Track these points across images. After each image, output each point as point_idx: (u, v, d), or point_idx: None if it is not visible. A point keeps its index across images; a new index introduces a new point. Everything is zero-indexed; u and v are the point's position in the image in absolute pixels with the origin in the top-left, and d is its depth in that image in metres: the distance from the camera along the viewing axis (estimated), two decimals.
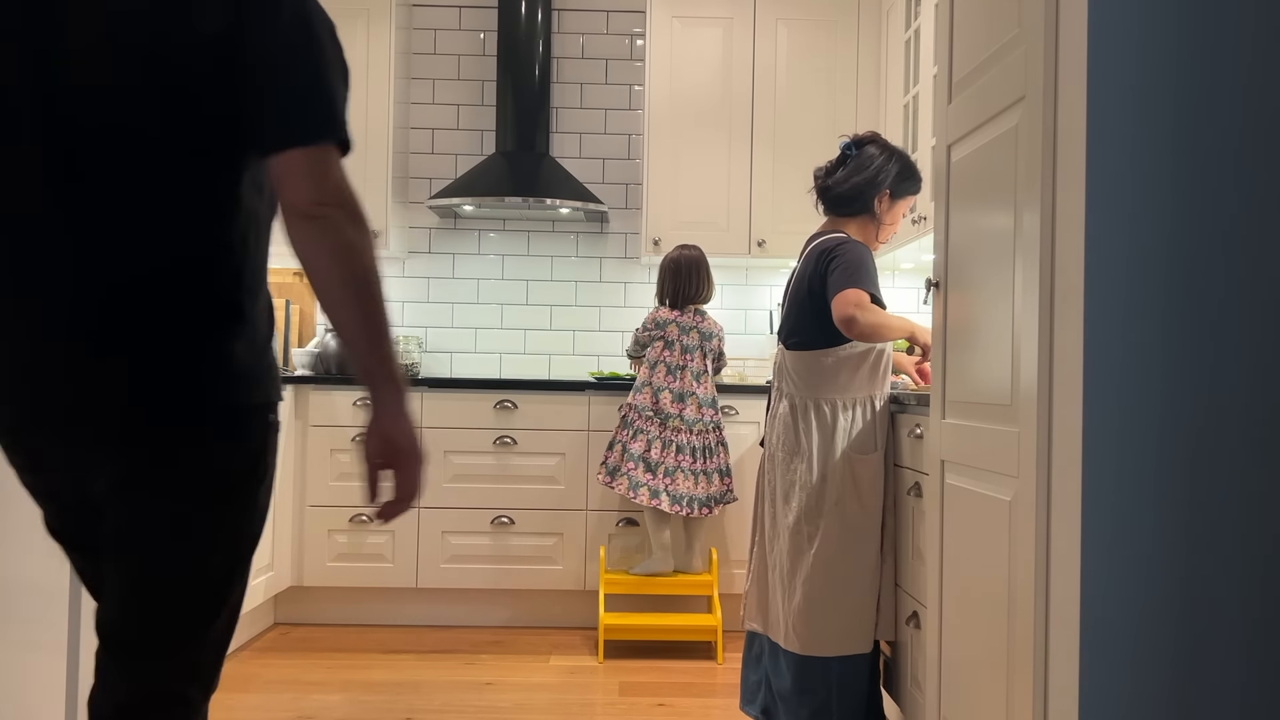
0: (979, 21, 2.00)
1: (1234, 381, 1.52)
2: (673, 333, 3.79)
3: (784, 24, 4.36)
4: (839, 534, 2.60)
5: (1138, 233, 1.52)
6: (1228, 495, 1.51)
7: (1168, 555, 1.52)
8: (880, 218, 2.76)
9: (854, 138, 2.80)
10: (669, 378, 3.76)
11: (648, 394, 3.75)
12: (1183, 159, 1.52)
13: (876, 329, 2.56)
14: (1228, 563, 1.51)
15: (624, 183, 4.71)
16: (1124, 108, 1.52)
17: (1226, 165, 1.52)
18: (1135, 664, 1.52)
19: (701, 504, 3.73)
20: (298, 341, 4.43)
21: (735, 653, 3.63)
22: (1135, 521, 1.52)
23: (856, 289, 2.54)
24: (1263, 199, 1.52)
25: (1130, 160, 1.52)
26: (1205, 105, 1.52)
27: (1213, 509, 1.51)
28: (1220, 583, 1.52)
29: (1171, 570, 1.52)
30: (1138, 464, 1.51)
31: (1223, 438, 1.51)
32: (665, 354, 3.78)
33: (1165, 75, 1.52)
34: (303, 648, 3.69)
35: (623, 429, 3.78)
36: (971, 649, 2.00)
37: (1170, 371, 1.52)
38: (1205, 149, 1.52)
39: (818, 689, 2.61)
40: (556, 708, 3.12)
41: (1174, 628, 1.52)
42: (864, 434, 2.63)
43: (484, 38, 4.67)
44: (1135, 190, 1.52)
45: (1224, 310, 1.52)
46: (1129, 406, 1.51)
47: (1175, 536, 1.52)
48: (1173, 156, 1.52)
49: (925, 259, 4.26)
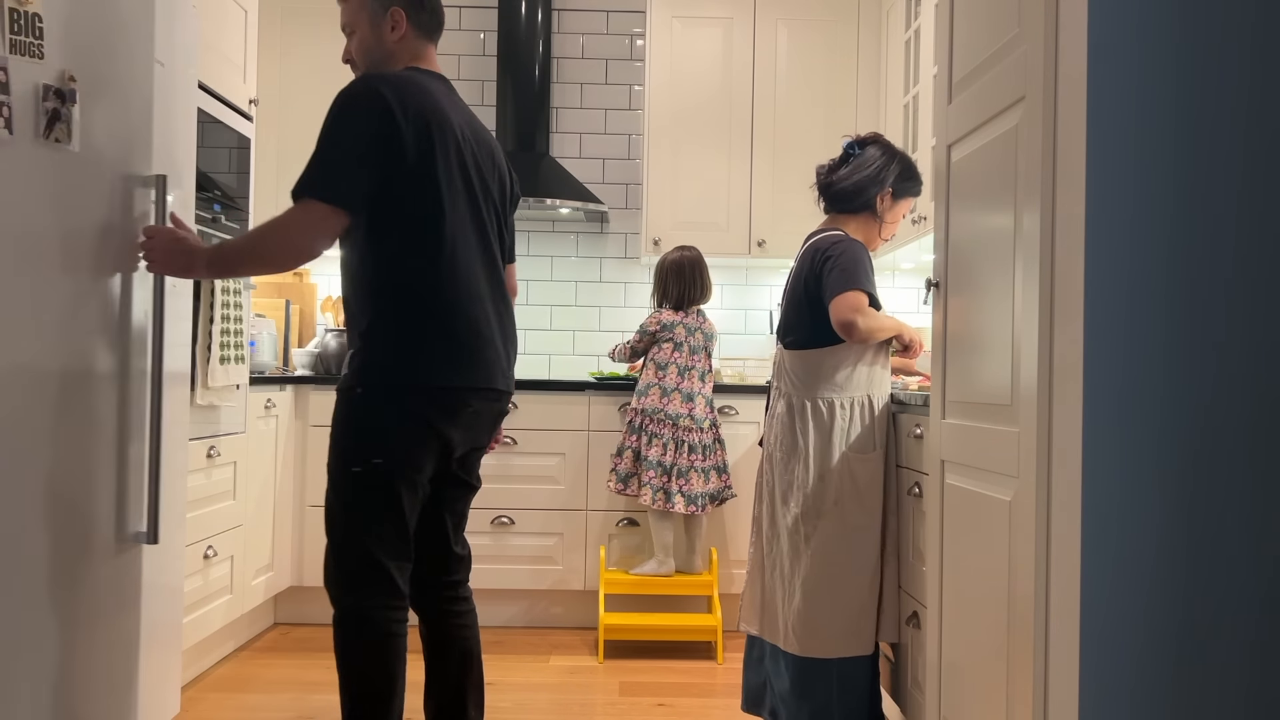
0: (979, 21, 2.00)
1: (1234, 381, 1.52)
2: (680, 334, 3.79)
3: (784, 24, 4.37)
4: (838, 534, 2.59)
5: (1138, 233, 1.52)
6: (1228, 495, 1.51)
7: (1168, 555, 1.52)
8: (881, 216, 2.76)
9: (857, 138, 2.81)
10: (679, 379, 3.76)
11: (655, 395, 3.74)
12: (1183, 159, 1.52)
13: (873, 333, 2.59)
14: (1228, 562, 1.51)
15: (624, 183, 4.71)
16: (1124, 108, 1.52)
17: (1226, 165, 1.52)
18: (1135, 663, 1.52)
19: (708, 500, 3.73)
20: (298, 341, 4.42)
21: (735, 653, 3.63)
22: (1135, 521, 1.52)
23: (856, 291, 2.55)
24: (1263, 198, 1.52)
25: (1130, 160, 1.52)
26: (1205, 105, 1.52)
27: (1213, 509, 1.51)
28: (1220, 582, 1.52)
29: (1171, 570, 1.52)
30: (1137, 464, 1.52)
31: (1222, 437, 1.51)
32: (675, 355, 3.78)
33: (1165, 75, 1.52)
34: (303, 648, 3.69)
35: (632, 434, 3.77)
36: (971, 649, 2.00)
37: (1170, 371, 1.52)
38: (1205, 148, 1.52)
39: (817, 691, 2.60)
40: (556, 708, 3.12)
41: (1174, 627, 1.52)
42: (862, 433, 2.63)
43: (484, 38, 4.67)
44: (1135, 190, 1.52)
45: (1224, 310, 1.52)
46: (1129, 406, 1.52)
47: (1175, 536, 1.52)
48: (1173, 156, 1.52)
49: (925, 259, 4.26)
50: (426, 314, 2.12)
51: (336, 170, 2.04)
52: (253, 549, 3.59)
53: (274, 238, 2.05)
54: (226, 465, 3.34)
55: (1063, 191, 1.59)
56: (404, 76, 2.15)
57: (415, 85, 2.13)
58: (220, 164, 3.33)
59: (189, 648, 3.10)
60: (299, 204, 2.03)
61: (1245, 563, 1.51)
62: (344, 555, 2.12)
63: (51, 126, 1.84)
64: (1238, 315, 1.52)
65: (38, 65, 1.82)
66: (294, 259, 2.07)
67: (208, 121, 3.18)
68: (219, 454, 3.24)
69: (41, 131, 1.83)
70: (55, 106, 1.85)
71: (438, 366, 2.13)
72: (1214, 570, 1.52)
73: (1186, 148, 1.52)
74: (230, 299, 3.17)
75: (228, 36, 3.38)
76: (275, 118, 4.17)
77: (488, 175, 2.24)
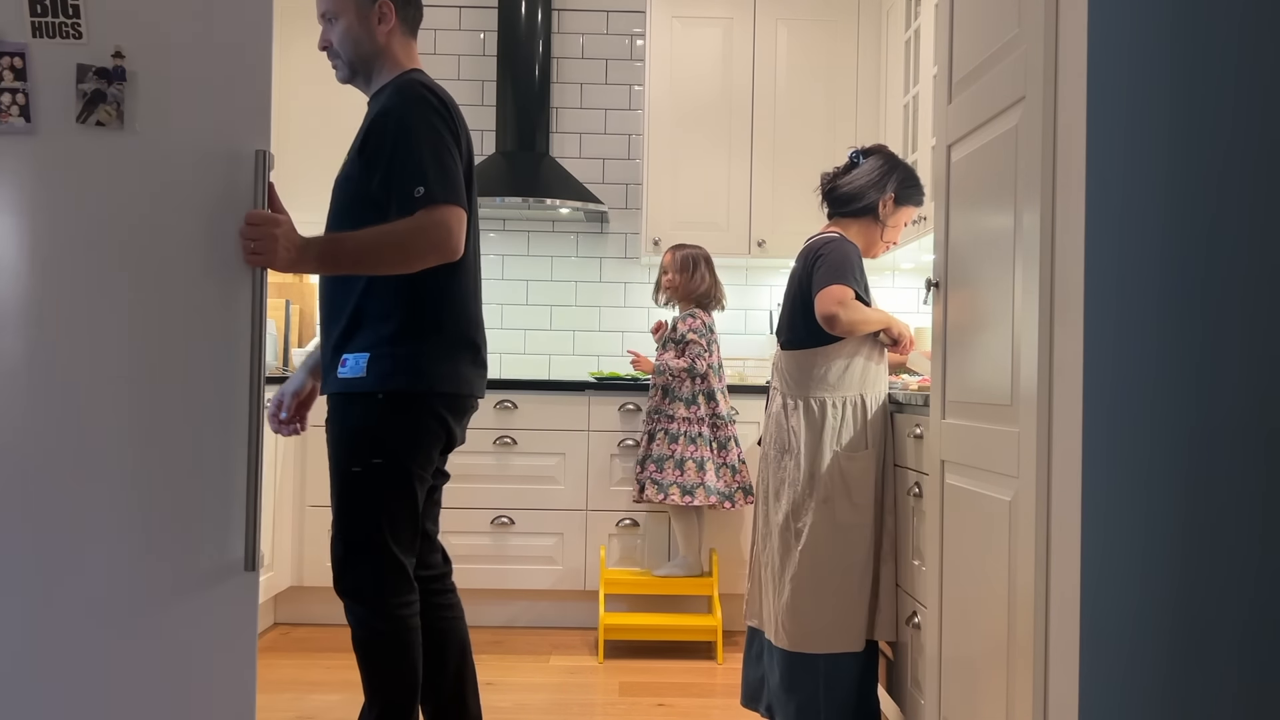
0: (979, 21, 2.00)
1: (1234, 381, 1.52)
2: (715, 335, 3.82)
3: (784, 24, 4.36)
4: (827, 531, 2.62)
5: (1137, 233, 1.52)
6: (1228, 495, 1.51)
7: (1168, 555, 1.52)
8: (883, 221, 2.80)
9: (862, 148, 2.89)
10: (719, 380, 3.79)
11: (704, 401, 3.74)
12: (1182, 159, 1.52)
13: (856, 325, 2.62)
14: (1228, 562, 1.51)
15: (624, 183, 4.71)
16: (1124, 108, 1.52)
17: (1226, 165, 1.52)
18: (1135, 663, 1.52)
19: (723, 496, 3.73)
20: (298, 341, 4.42)
21: (735, 652, 3.63)
22: (1135, 521, 1.52)
23: (840, 285, 2.60)
24: (1262, 198, 1.52)
25: (1130, 160, 1.52)
26: (1205, 105, 1.52)
27: (1213, 509, 1.51)
28: (1220, 582, 1.52)
29: (1171, 570, 1.52)
30: (1137, 464, 1.51)
31: (1222, 437, 1.51)
32: (718, 356, 3.80)
33: (1165, 75, 1.52)
34: (303, 648, 3.69)
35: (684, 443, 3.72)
36: (971, 649, 2.00)
37: (1170, 371, 1.52)
38: (1205, 149, 1.52)
39: (804, 685, 2.63)
40: (556, 708, 3.12)
41: (1174, 627, 1.52)
42: (854, 433, 2.65)
43: (484, 38, 4.67)
44: (1135, 190, 1.52)
45: (1223, 310, 1.52)
46: (1129, 406, 1.51)
47: (1175, 536, 1.52)
48: (1172, 156, 1.52)
49: (925, 259, 4.26)
50: (453, 321, 2.17)
51: (452, 173, 2.07)
52: None
53: (421, 240, 2.02)
54: None
55: (1063, 191, 1.59)
56: (437, 84, 2.20)
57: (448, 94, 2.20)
58: None
59: None
60: (437, 208, 2.02)
61: (1245, 563, 1.51)
62: (368, 554, 2.13)
63: (92, 109, 1.76)
64: (1238, 315, 1.52)
65: (73, 46, 1.73)
66: (443, 259, 2.06)
67: None
68: None
69: (78, 116, 1.75)
70: (97, 88, 1.76)
71: (462, 374, 2.20)
72: (1214, 570, 1.52)
73: (1186, 148, 1.52)
74: None
75: None
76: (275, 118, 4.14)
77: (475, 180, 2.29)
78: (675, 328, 3.79)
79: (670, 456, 3.68)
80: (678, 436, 3.69)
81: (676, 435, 3.69)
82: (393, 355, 2.11)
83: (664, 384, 3.74)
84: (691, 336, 3.72)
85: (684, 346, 3.73)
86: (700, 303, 3.83)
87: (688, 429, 3.70)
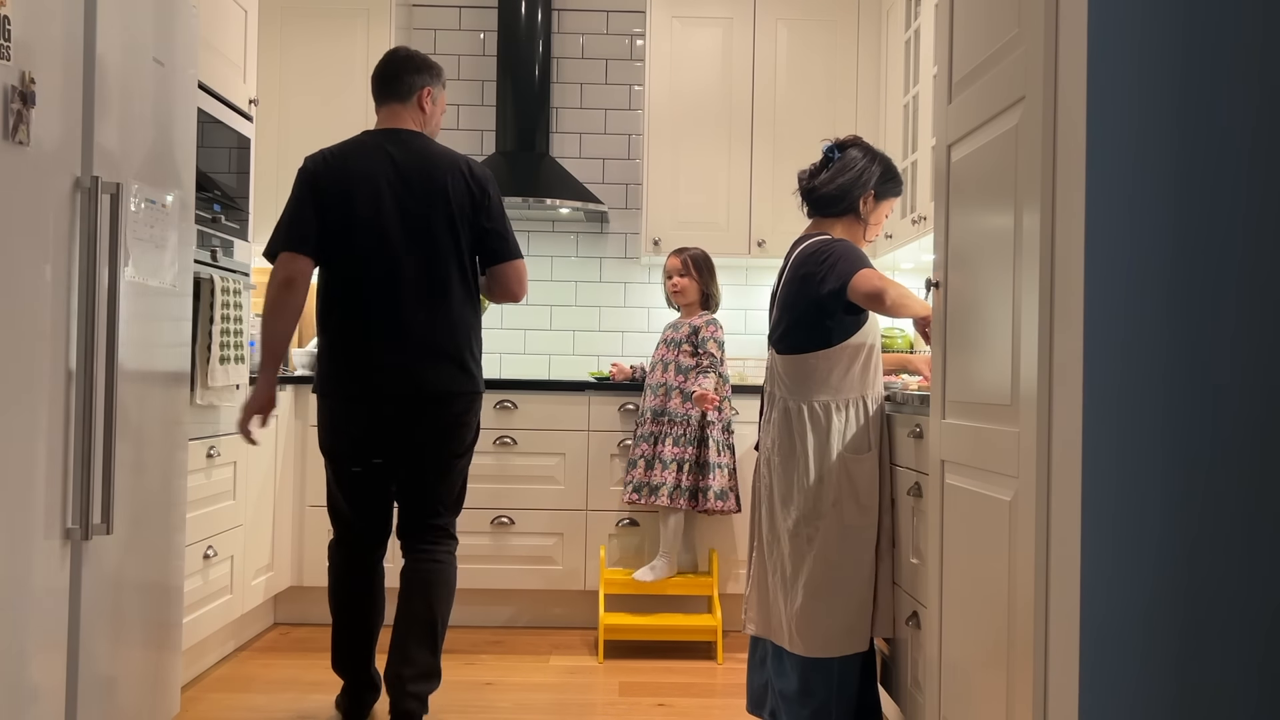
0: (979, 21, 2.00)
1: (1234, 381, 1.52)
2: None
3: (784, 24, 4.37)
4: (838, 535, 2.60)
5: (1138, 232, 1.52)
6: (1228, 495, 1.51)
7: (1168, 555, 1.52)
8: (865, 218, 2.78)
9: (837, 141, 2.82)
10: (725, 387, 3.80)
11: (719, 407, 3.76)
12: (1182, 158, 1.52)
13: (902, 301, 2.51)
14: (1228, 562, 1.51)
15: (624, 183, 4.71)
16: (1124, 108, 1.52)
17: (1226, 164, 1.52)
18: (1135, 664, 1.52)
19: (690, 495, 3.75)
20: (298, 341, 4.42)
21: (735, 653, 3.63)
22: (1135, 521, 1.52)
23: (869, 269, 2.56)
24: (1263, 198, 1.52)
25: (1130, 160, 1.52)
26: (1205, 105, 1.52)
27: (1213, 509, 1.51)
28: (1220, 582, 1.52)
29: (1171, 570, 1.52)
30: (1137, 463, 1.52)
31: (1222, 437, 1.51)
32: None
33: (1165, 75, 1.52)
34: (303, 648, 3.69)
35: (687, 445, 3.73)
36: (971, 649, 2.00)
37: (1170, 371, 1.52)
38: (1205, 148, 1.52)
39: (820, 690, 2.61)
40: (556, 708, 3.12)
41: (1174, 627, 1.52)
42: (858, 434, 2.64)
43: (484, 38, 4.67)
44: (1135, 189, 1.52)
45: (1224, 310, 1.52)
46: (1129, 406, 1.52)
47: (1175, 536, 1.52)
48: (1172, 156, 1.52)
49: (925, 259, 4.26)
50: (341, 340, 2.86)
51: (279, 226, 2.79)
52: (252, 549, 3.59)
53: None
54: (226, 465, 3.34)
55: (1063, 191, 1.59)
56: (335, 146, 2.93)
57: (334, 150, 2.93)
58: (220, 164, 3.33)
59: (189, 648, 3.09)
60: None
61: (1245, 562, 1.51)
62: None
63: (16, 129, 1.88)
64: (1238, 314, 1.52)
65: (4, 67, 1.85)
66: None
67: (208, 121, 3.18)
68: (219, 454, 3.24)
69: (10, 133, 1.87)
70: (19, 109, 1.89)
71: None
72: (1214, 570, 1.52)
73: (1186, 147, 1.52)
74: (230, 299, 3.17)
75: (228, 36, 3.38)
76: (275, 118, 4.16)
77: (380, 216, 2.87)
78: (697, 332, 3.79)
79: (673, 458, 3.69)
80: (679, 439, 3.71)
81: (679, 438, 3.71)
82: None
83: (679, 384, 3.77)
84: (711, 346, 3.75)
85: (707, 354, 3.75)
86: (711, 304, 3.85)
87: (687, 430, 3.72)
